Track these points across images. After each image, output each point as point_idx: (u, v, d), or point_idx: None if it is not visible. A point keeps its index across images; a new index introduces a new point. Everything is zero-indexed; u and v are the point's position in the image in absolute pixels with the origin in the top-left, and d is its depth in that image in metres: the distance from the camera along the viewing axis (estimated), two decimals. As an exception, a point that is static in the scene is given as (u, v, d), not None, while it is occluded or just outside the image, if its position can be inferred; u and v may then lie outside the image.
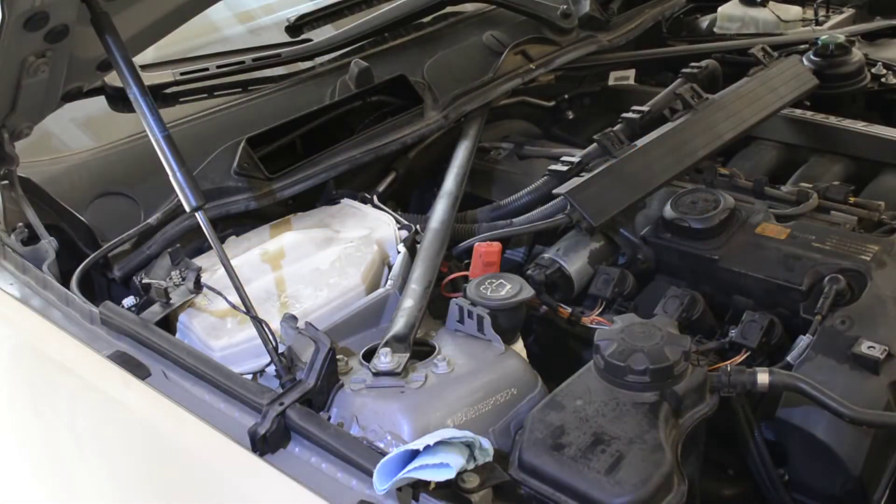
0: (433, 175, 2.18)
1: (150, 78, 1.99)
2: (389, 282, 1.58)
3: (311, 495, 1.11)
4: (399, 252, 1.65)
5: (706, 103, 2.04)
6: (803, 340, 1.44)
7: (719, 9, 3.07)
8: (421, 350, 1.38)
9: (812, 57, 2.38)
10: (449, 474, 1.01)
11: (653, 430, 1.15)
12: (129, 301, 1.61)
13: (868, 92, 2.40)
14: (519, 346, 1.48)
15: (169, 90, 2.05)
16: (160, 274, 1.58)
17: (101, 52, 1.54)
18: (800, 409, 1.34)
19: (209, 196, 1.69)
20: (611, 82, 2.64)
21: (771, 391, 1.30)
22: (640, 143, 1.90)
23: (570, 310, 1.65)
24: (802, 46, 2.48)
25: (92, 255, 1.61)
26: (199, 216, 1.49)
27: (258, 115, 2.01)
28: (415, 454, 1.03)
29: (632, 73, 2.64)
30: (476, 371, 1.32)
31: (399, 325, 1.38)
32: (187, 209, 1.49)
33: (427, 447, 1.03)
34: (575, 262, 1.74)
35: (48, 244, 1.59)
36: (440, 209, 1.75)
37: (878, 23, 2.76)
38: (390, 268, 1.64)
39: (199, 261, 1.62)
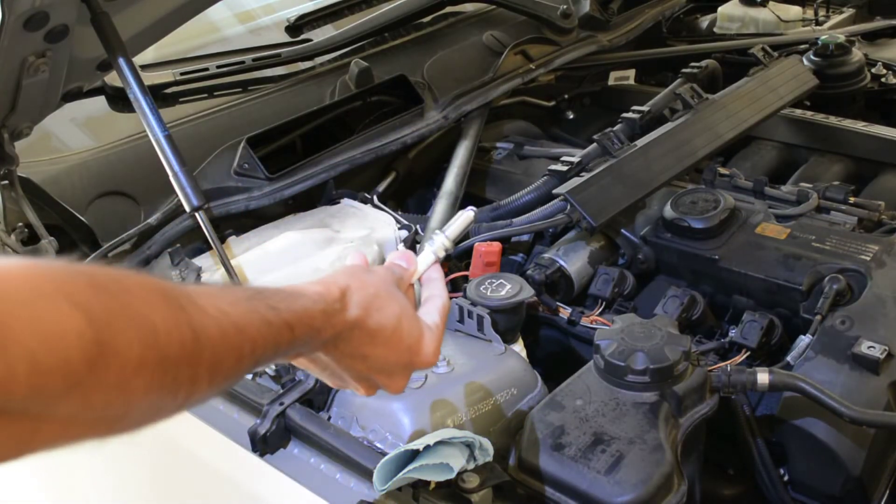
0: (433, 175, 2.18)
1: (150, 78, 1.99)
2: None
3: (311, 495, 1.12)
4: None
5: (706, 103, 2.04)
6: (803, 340, 1.44)
7: (719, 9, 3.08)
8: (421, 350, 1.38)
9: (812, 57, 2.38)
10: (449, 474, 1.01)
11: (653, 430, 1.15)
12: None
13: (868, 92, 2.40)
14: (519, 346, 1.48)
15: (169, 90, 2.05)
16: (160, 274, 1.59)
17: (101, 52, 1.54)
18: (799, 409, 1.34)
19: (209, 196, 1.69)
20: (611, 82, 2.64)
21: (771, 391, 1.30)
22: (640, 143, 1.90)
23: (570, 310, 1.65)
24: (802, 46, 2.48)
25: (92, 255, 1.61)
26: (199, 216, 1.49)
27: (258, 115, 2.01)
28: (415, 454, 1.03)
29: (632, 73, 2.64)
30: (476, 371, 1.32)
31: (399, 325, 1.38)
32: (187, 209, 1.49)
33: (427, 447, 1.03)
34: (575, 262, 1.74)
35: (48, 244, 1.59)
36: (440, 209, 1.75)
37: (878, 23, 2.76)
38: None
39: (199, 261, 1.62)
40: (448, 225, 1.08)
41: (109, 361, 0.57)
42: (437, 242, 1.05)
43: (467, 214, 1.09)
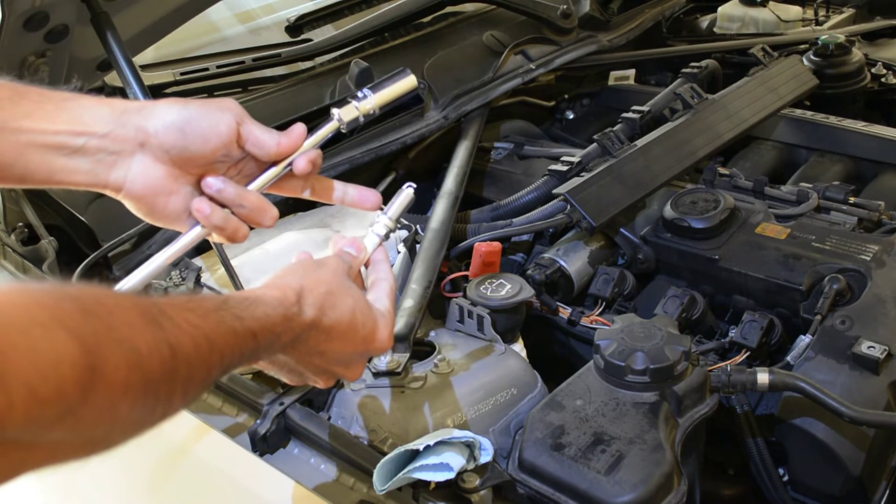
0: (433, 175, 2.18)
1: (150, 78, 1.99)
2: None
3: (311, 495, 1.12)
4: (399, 252, 1.65)
5: (706, 103, 2.04)
6: (803, 340, 1.44)
7: (719, 9, 3.08)
8: (421, 350, 1.38)
9: (812, 57, 2.38)
10: (449, 474, 1.02)
11: (653, 430, 1.15)
12: (129, 301, 1.60)
13: (868, 92, 2.40)
14: (519, 346, 1.48)
15: (169, 90, 2.05)
16: (160, 274, 1.58)
17: (101, 52, 1.54)
18: (799, 409, 1.34)
19: (209, 196, 1.68)
20: (611, 82, 2.64)
21: (771, 391, 1.30)
22: (640, 143, 1.90)
23: (570, 310, 1.65)
24: (802, 46, 2.48)
25: (92, 255, 1.61)
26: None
27: (258, 115, 1.98)
28: (415, 454, 1.03)
29: (632, 73, 2.64)
30: (476, 371, 1.32)
31: (399, 325, 1.38)
32: (187, 209, 1.49)
33: (427, 447, 1.03)
34: (575, 262, 1.74)
35: (48, 244, 1.59)
36: (440, 209, 1.75)
37: (878, 23, 2.76)
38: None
39: (199, 261, 1.62)
40: (389, 205, 1.11)
41: (99, 386, 0.57)
42: (380, 224, 1.09)
43: (407, 192, 1.11)
